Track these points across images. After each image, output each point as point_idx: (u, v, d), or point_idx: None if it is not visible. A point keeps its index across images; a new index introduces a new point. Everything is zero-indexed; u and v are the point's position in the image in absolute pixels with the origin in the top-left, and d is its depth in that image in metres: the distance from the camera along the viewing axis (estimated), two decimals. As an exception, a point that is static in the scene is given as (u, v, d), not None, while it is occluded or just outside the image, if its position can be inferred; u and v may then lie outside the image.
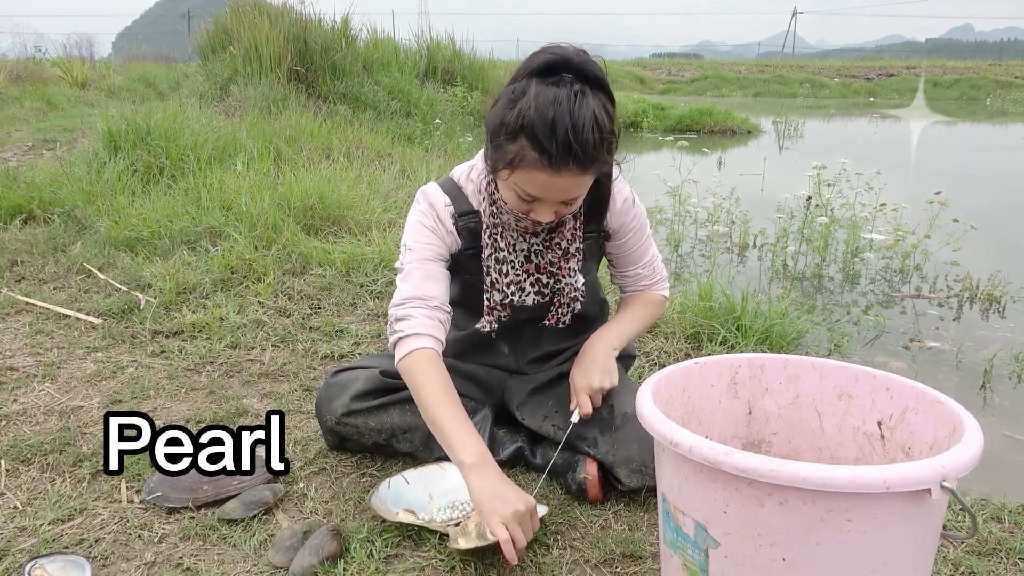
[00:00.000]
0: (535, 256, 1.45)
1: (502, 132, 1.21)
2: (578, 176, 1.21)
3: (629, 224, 1.50)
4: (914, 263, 3.68)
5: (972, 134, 12.21)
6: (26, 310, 2.49)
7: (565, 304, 1.50)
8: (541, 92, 1.17)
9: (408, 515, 1.36)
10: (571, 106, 1.15)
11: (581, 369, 1.48)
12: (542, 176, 1.19)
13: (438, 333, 1.37)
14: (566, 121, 1.14)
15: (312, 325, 2.39)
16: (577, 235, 1.44)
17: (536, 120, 1.15)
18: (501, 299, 1.46)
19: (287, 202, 3.26)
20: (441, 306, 1.39)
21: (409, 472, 1.48)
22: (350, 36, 6.92)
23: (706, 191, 4.62)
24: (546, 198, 1.25)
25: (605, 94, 1.22)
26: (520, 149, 1.19)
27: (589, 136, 1.16)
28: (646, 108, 11.60)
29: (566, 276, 1.46)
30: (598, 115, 1.18)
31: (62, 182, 3.66)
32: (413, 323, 1.35)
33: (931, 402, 1.07)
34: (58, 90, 10.25)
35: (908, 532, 0.89)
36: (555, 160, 1.17)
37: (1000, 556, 1.35)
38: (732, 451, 0.88)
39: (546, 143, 1.16)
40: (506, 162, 1.22)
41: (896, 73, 26.31)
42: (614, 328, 1.54)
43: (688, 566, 1.00)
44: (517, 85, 1.21)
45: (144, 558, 1.29)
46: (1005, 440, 2.04)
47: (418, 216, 1.43)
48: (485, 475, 1.23)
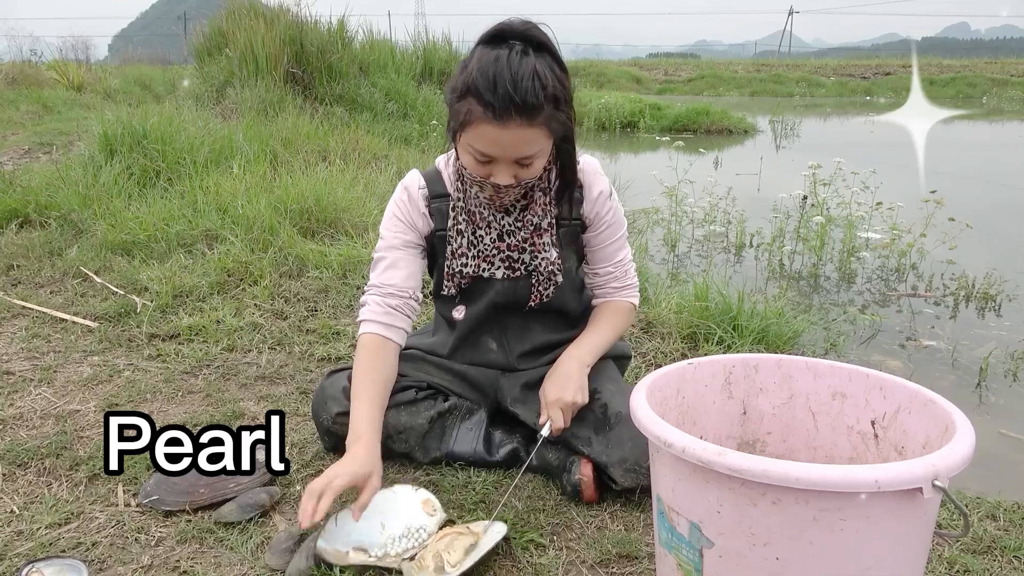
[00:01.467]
0: (507, 236, 1.48)
1: (453, 95, 1.27)
2: (524, 127, 1.23)
3: (604, 216, 1.51)
4: (910, 262, 3.69)
5: (968, 132, 12.24)
6: (22, 314, 2.49)
7: (545, 279, 1.51)
8: (485, 54, 1.23)
9: (359, 554, 1.27)
10: (511, 61, 1.21)
11: (554, 384, 1.48)
12: (489, 130, 1.23)
13: (387, 319, 1.46)
14: (506, 74, 1.19)
15: (309, 328, 2.40)
16: (549, 210, 1.47)
17: (479, 77, 1.21)
18: (459, 267, 1.50)
19: (283, 205, 3.26)
20: (396, 292, 1.48)
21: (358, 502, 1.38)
22: (346, 38, 6.92)
23: (702, 191, 4.63)
24: (499, 156, 1.28)
25: (552, 56, 1.27)
26: (468, 107, 1.23)
27: (529, 85, 1.20)
28: (642, 108, 11.62)
29: (540, 251, 1.48)
30: (539, 69, 1.22)
31: (58, 186, 3.66)
32: (365, 311, 1.48)
33: (924, 401, 1.07)
34: (54, 93, 10.25)
35: (901, 531, 0.89)
36: (499, 112, 1.20)
37: (995, 554, 1.35)
38: (725, 451, 0.88)
39: (488, 95, 1.20)
40: (458, 122, 1.27)
41: (892, 72, 26.36)
42: (586, 343, 1.54)
43: (683, 566, 1.00)
44: (468, 57, 1.28)
45: (141, 561, 1.30)
46: (1000, 438, 2.05)
47: (391, 206, 1.52)
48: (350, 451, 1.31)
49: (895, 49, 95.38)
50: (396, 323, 1.47)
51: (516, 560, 1.31)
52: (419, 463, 1.59)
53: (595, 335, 1.56)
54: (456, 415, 1.62)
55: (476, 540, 1.30)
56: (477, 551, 1.26)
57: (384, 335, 1.46)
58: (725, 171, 6.77)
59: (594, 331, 1.57)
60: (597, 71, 22.90)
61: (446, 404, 1.60)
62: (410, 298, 1.50)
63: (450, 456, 1.60)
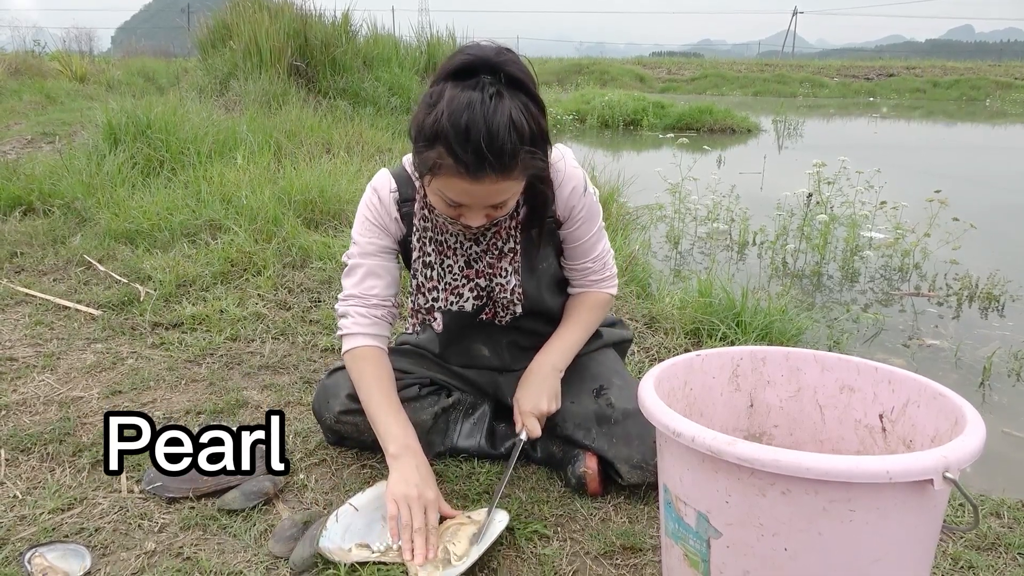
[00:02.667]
0: (475, 262, 1.42)
1: (420, 139, 1.17)
2: (498, 182, 1.16)
3: (577, 213, 1.43)
4: (913, 261, 3.69)
5: (972, 135, 12.22)
6: (26, 301, 2.49)
7: (501, 305, 1.46)
8: (455, 97, 1.12)
9: (362, 550, 1.26)
10: (485, 111, 1.10)
11: (527, 392, 1.46)
12: (461, 183, 1.16)
13: (376, 330, 1.43)
14: (480, 127, 1.09)
15: (312, 318, 2.39)
16: (512, 235, 1.40)
17: (449, 127, 1.11)
18: (424, 303, 1.44)
19: (287, 196, 3.26)
20: (380, 303, 1.43)
21: (357, 497, 1.38)
22: (350, 32, 6.91)
23: (706, 189, 4.63)
24: (471, 204, 1.22)
25: (527, 95, 1.16)
26: (438, 156, 1.14)
27: (505, 142, 1.11)
28: (646, 106, 11.62)
29: (498, 275, 1.42)
30: (515, 118, 1.12)
31: (61, 174, 3.65)
32: (350, 322, 1.42)
33: (933, 395, 1.07)
34: (57, 84, 10.22)
35: (910, 523, 0.89)
36: (471, 168, 1.12)
37: (999, 551, 1.35)
38: (735, 441, 0.88)
39: (460, 151, 1.11)
40: (427, 168, 1.18)
41: (896, 73, 26.33)
42: (558, 346, 1.50)
43: (689, 556, 1.00)
44: (434, 89, 1.16)
45: (144, 547, 1.29)
46: (1004, 437, 2.04)
47: (363, 209, 1.44)
48: (402, 464, 1.30)
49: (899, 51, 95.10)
50: (383, 333, 1.44)
51: (520, 551, 1.31)
52: None
53: (568, 336, 1.52)
54: (459, 410, 1.62)
55: (479, 528, 1.30)
56: (482, 543, 1.26)
57: (377, 346, 1.42)
58: (728, 169, 6.76)
59: (568, 331, 1.52)
60: (600, 69, 22.90)
61: (449, 400, 1.60)
62: (393, 306, 1.46)
63: (454, 451, 1.60)
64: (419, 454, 1.33)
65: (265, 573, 1.24)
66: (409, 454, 1.32)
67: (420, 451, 1.34)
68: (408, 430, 1.35)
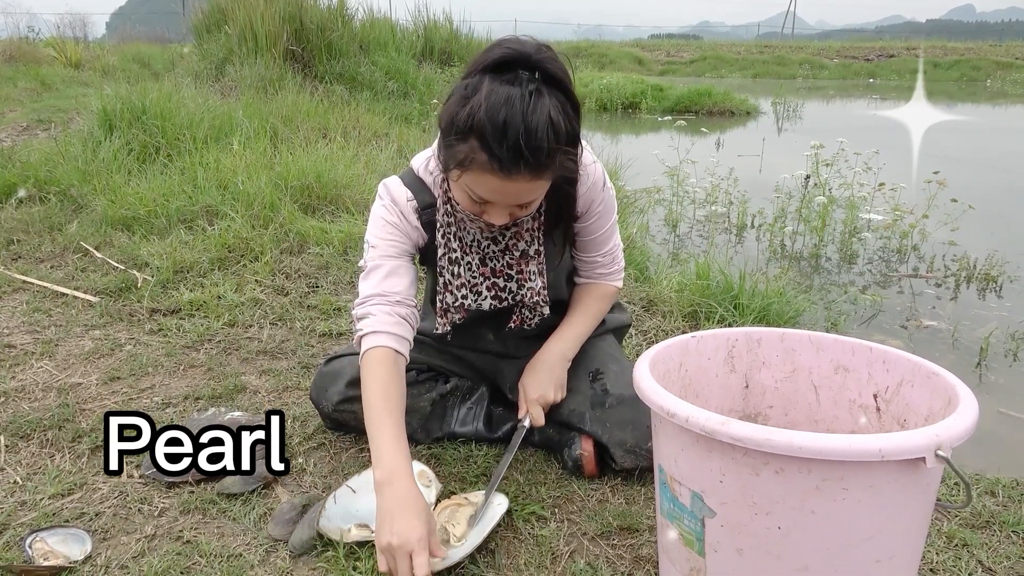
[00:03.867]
0: (491, 260, 1.40)
1: (452, 131, 1.13)
2: (531, 181, 1.14)
3: (595, 208, 1.42)
4: (912, 243, 3.68)
5: (972, 116, 12.17)
6: (23, 288, 2.49)
7: (528, 309, 1.45)
8: (493, 91, 1.09)
9: (361, 530, 1.27)
10: (524, 107, 1.07)
11: (534, 380, 1.47)
12: (493, 180, 1.13)
13: (398, 330, 1.32)
14: (518, 124, 1.07)
15: (310, 303, 2.39)
16: (536, 236, 1.38)
17: (486, 121, 1.08)
18: (453, 301, 1.41)
19: (284, 181, 3.25)
20: (403, 301, 1.34)
21: (354, 479, 1.39)
22: (346, 16, 6.86)
23: (704, 171, 4.61)
24: (498, 202, 1.20)
25: (565, 95, 1.14)
26: (470, 151, 1.11)
27: (543, 141, 1.09)
28: (644, 89, 11.55)
29: (527, 280, 1.40)
30: (554, 118, 1.10)
31: (57, 161, 3.64)
32: (372, 321, 1.31)
33: (927, 374, 1.07)
34: (52, 70, 10.17)
35: (903, 501, 0.89)
36: (505, 165, 1.10)
37: (994, 529, 1.36)
38: (728, 420, 0.88)
39: (496, 147, 1.08)
40: (456, 162, 1.15)
41: (896, 54, 26.15)
42: (567, 335, 1.51)
43: (684, 536, 1.01)
44: (470, 81, 1.13)
45: (144, 531, 1.30)
46: (1000, 417, 2.05)
47: (381, 212, 1.37)
48: (385, 496, 1.17)
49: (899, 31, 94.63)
50: (406, 335, 1.34)
51: (518, 532, 1.32)
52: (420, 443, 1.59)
53: (578, 325, 1.52)
54: (457, 396, 1.62)
55: (476, 510, 1.31)
56: (482, 527, 1.26)
57: (397, 349, 1.31)
58: (727, 152, 6.74)
59: (577, 320, 1.53)
60: (599, 52, 22.72)
61: (447, 386, 1.60)
62: (415, 307, 1.38)
63: (452, 436, 1.61)
64: (405, 480, 1.19)
65: (264, 556, 1.25)
66: (393, 485, 1.18)
67: (408, 475, 1.20)
68: (398, 452, 1.22)
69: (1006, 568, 1.25)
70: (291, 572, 1.21)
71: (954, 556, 1.28)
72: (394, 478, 1.18)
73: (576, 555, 1.27)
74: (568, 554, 1.27)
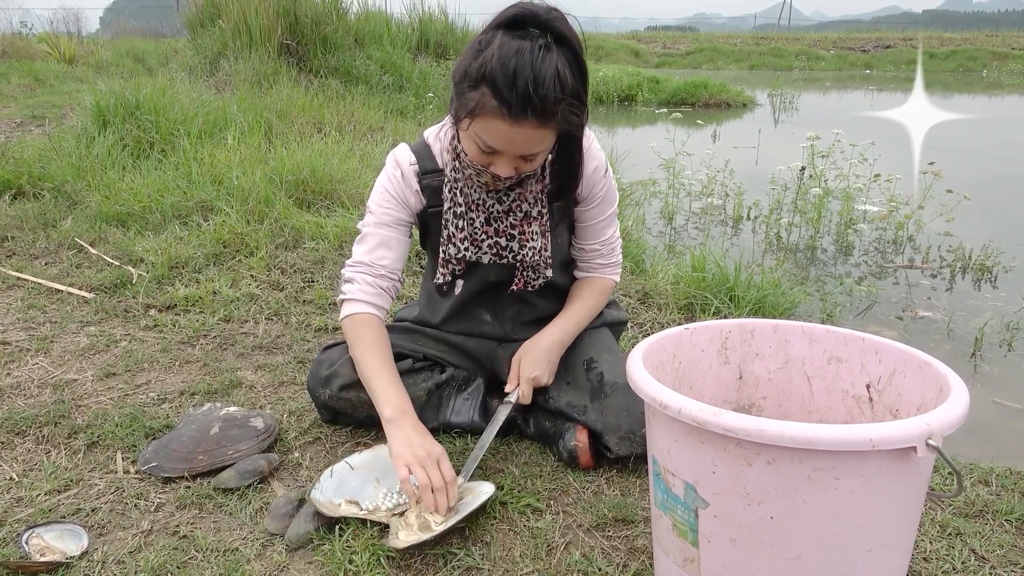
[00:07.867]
0: (495, 220, 1.44)
1: (465, 80, 1.20)
2: (537, 129, 1.19)
3: (597, 192, 1.48)
4: (907, 234, 3.69)
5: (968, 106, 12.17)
6: (18, 285, 2.48)
7: (530, 268, 1.49)
8: (505, 43, 1.16)
9: (351, 506, 1.31)
10: (533, 58, 1.14)
11: (531, 359, 1.50)
12: (501, 126, 1.19)
13: (378, 300, 1.45)
14: (527, 72, 1.13)
15: (305, 298, 2.39)
16: (540, 199, 1.43)
17: (498, 69, 1.15)
18: (455, 253, 1.47)
19: (279, 176, 3.24)
20: (387, 274, 1.46)
21: (354, 457, 1.43)
22: (341, 9, 6.82)
23: (700, 163, 4.61)
24: (505, 151, 1.24)
25: (573, 55, 1.20)
26: (481, 97, 1.18)
27: (550, 89, 1.15)
28: (641, 81, 11.53)
29: (529, 240, 1.45)
30: (561, 70, 1.16)
31: (51, 157, 3.63)
32: (354, 288, 1.44)
33: (919, 364, 1.08)
34: (45, 66, 10.13)
35: (894, 490, 0.90)
36: (514, 110, 1.16)
37: (987, 517, 1.37)
38: (720, 411, 0.89)
39: (506, 92, 1.15)
40: (467, 110, 1.21)
41: (893, 45, 26.12)
42: (567, 324, 1.55)
43: (678, 526, 1.01)
44: (484, 36, 1.20)
45: (141, 527, 1.31)
46: (994, 407, 2.06)
47: (383, 180, 1.47)
48: (400, 426, 1.32)
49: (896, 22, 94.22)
50: (384, 304, 1.46)
51: (513, 524, 1.33)
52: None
53: (576, 315, 1.56)
54: (453, 386, 1.62)
55: (460, 500, 1.32)
56: (460, 511, 1.27)
57: (376, 315, 1.44)
58: (723, 144, 6.73)
59: (576, 311, 1.56)
60: (595, 44, 22.65)
61: (443, 376, 1.61)
62: (398, 280, 1.48)
63: (447, 427, 1.61)
64: (414, 416, 1.35)
65: (261, 550, 1.25)
66: (405, 417, 1.33)
67: (413, 412, 1.36)
68: (402, 393, 1.37)
69: (999, 556, 1.26)
70: (287, 566, 1.22)
71: (947, 545, 1.28)
72: (403, 413, 1.33)
73: (571, 547, 1.28)
74: (563, 546, 1.28)
